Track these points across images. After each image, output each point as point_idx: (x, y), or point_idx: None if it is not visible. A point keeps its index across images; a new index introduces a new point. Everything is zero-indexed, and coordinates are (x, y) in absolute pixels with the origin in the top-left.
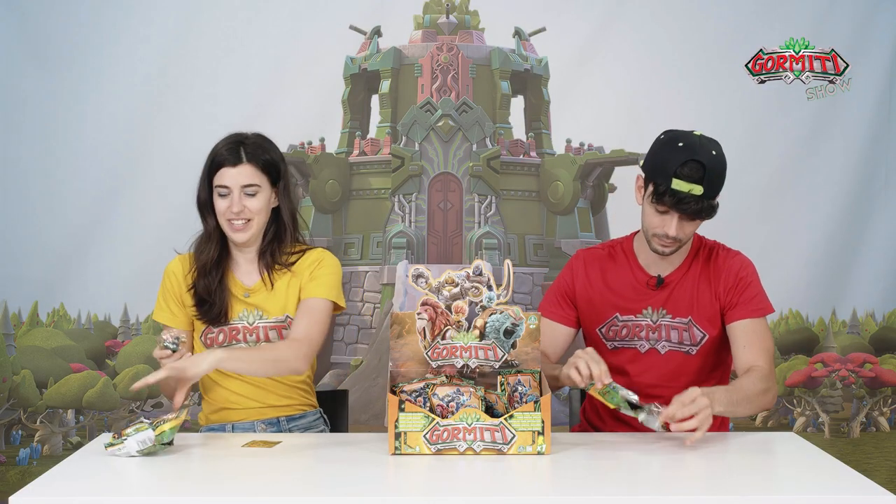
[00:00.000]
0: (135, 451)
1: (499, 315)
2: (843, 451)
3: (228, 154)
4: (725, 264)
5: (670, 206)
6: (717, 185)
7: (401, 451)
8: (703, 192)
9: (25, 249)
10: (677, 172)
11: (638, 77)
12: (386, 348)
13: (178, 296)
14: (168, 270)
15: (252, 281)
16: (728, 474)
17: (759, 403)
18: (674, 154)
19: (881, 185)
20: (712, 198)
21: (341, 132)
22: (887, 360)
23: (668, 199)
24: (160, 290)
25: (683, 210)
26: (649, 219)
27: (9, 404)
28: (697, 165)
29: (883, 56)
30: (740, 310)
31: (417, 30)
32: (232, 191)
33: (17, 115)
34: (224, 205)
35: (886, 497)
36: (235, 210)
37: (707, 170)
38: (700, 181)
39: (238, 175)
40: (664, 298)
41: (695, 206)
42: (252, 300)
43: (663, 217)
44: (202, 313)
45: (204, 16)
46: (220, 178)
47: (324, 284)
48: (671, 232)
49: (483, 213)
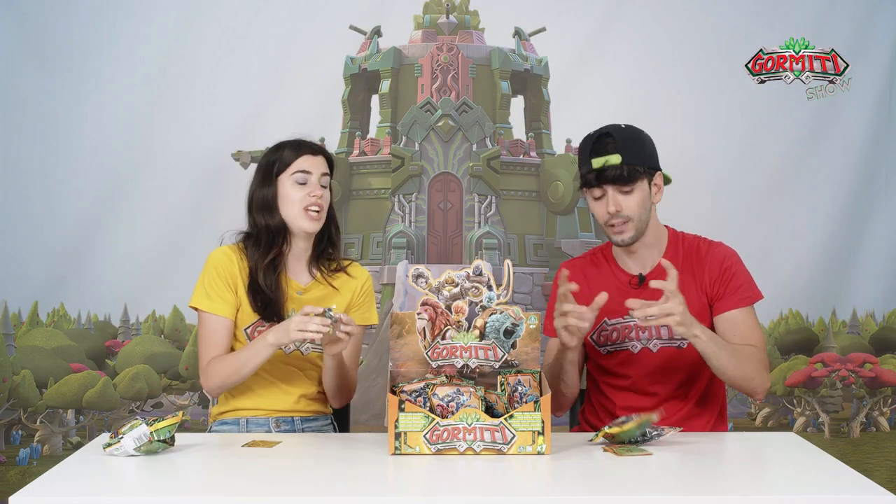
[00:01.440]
0: (132, 448)
1: (499, 315)
2: (843, 451)
3: (311, 144)
4: (709, 255)
5: (595, 182)
6: (635, 150)
7: (401, 451)
8: (622, 158)
9: (25, 249)
10: (591, 151)
11: (638, 77)
12: (386, 348)
13: (229, 284)
14: (215, 260)
15: (305, 280)
16: (728, 474)
17: (743, 370)
18: (587, 141)
19: (881, 185)
20: (635, 162)
21: (341, 132)
22: (887, 360)
23: (591, 177)
24: (203, 278)
25: (607, 179)
26: (594, 209)
27: (9, 404)
28: (607, 137)
29: (883, 56)
30: (727, 301)
31: (417, 30)
32: (313, 176)
33: (17, 115)
34: (302, 192)
35: (886, 497)
36: (317, 194)
37: (616, 138)
38: (614, 151)
39: (319, 164)
40: (648, 297)
41: (616, 172)
42: (305, 297)
43: (601, 202)
44: (262, 310)
45: (204, 16)
46: (302, 164)
47: (372, 311)
48: (611, 208)
49: (483, 213)
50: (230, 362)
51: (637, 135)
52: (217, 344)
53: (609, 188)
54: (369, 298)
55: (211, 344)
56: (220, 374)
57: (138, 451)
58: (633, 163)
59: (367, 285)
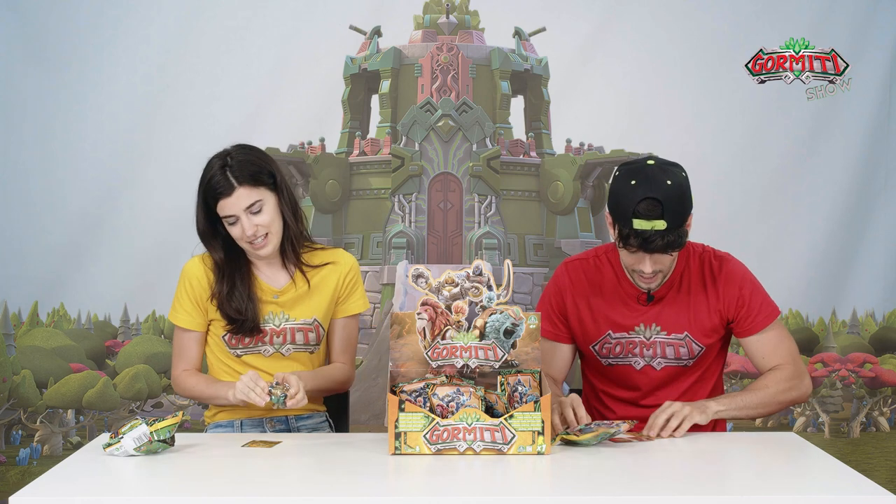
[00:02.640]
0: (132, 448)
1: (499, 315)
2: (843, 451)
3: (219, 185)
4: (722, 275)
5: (637, 247)
6: (679, 213)
7: (401, 451)
8: (667, 225)
9: (25, 249)
10: (636, 212)
11: (638, 77)
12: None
13: (197, 299)
14: (187, 273)
15: (280, 283)
16: (728, 474)
17: (784, 399)
18: (629, 194)
19: (881, 185)
20: (679, 225)
21: (341, 132)
22: (887, 360)
23: (634, 241)
24: (178, 291)
25: (651, 248)
26: (624, 258)
27: (9, 404)
28: (653, 202)
29: (883, 56)
30: (751, 324)
31: (417, 30)
32: (239, 217)
33: (17, 115)
34: (237, 232)
35: (886, 497)
36: (250, 233)
37: (664, 203)
38: (660, 216)
39: (238, 201)
40: (656, 314)
41: (661, 242)
42: (281, 301)
43: (636, 256)
44: (235, 330)
45: (204, 15)
46: (222, 209)
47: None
48: (647, 269)
49: (483, 213)
50: (198, 390)
51: (681, 195)
52: (185, 356)
53: (646, 252)
54: (356, 285)
55: (179, 355)
56: (188, 392)
57: (138, 451)
58: (676, 226)
59: (351, 273)
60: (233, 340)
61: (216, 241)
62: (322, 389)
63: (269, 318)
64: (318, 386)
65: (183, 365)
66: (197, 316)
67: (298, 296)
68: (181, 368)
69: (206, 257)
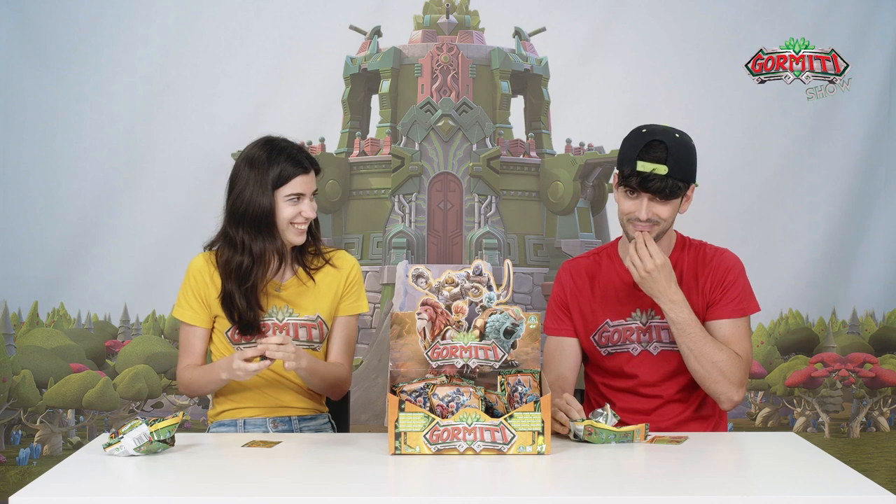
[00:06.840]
0: (132, 448)
1: (499, 315)
2: (843, 451)
3: (303, 162)
4: (713, 261)
5: (637, 187)
6: (683, 165)
7: (401, 451)
8: (668, 171)
9: (25, 249)
10: (640, 154)
11: (638, 77)
12: (386, 348)
13: (203, 295)
14: (193, 270)
15: (284, 277)
16: (728, 474)
17: (714, 376)
18: (637, 139)
19: (881, 185)
20: (681, 178)
21: (341, 132)
22: (887, 360)
23: (634, 180)
24: (183, 287)
25: (649, 189)
26: (622, 205)
27: (9, 404)
28: (659, 145)
29: (883, 56)
30: (721, 309)
31: (417, 30)
32: (305, 196)
33: (17, 115)
34: (294, 210)
35: (886, 497)
36: (308, 215)
37: (669, 149)
38: (664, 161)
39: (310, 182)
40: (651, 300)
41: (660, 185)
42: (285, 295)
43: (634, 201)
44: (239, 329)
45: (204, 16)
46: (295, 186)
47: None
48: (642, 215)
49: (483, 213)
50: (195, 378)
51: (687, 148)
52: (190, 351)
53: (645, 194)
54: (358, 287)
55: (185, 351)
56: (188, 385)
57: (138, 451)
58: (677, 177)
59: (353, 274)
60: (236, 336)
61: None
62: (318, 375)
63: (273, 311)
64: (315, 368)
65: (187, 360)
66: (201, 312)
67: (301, 291)
68: (185, 364)
69: (211, 255)
